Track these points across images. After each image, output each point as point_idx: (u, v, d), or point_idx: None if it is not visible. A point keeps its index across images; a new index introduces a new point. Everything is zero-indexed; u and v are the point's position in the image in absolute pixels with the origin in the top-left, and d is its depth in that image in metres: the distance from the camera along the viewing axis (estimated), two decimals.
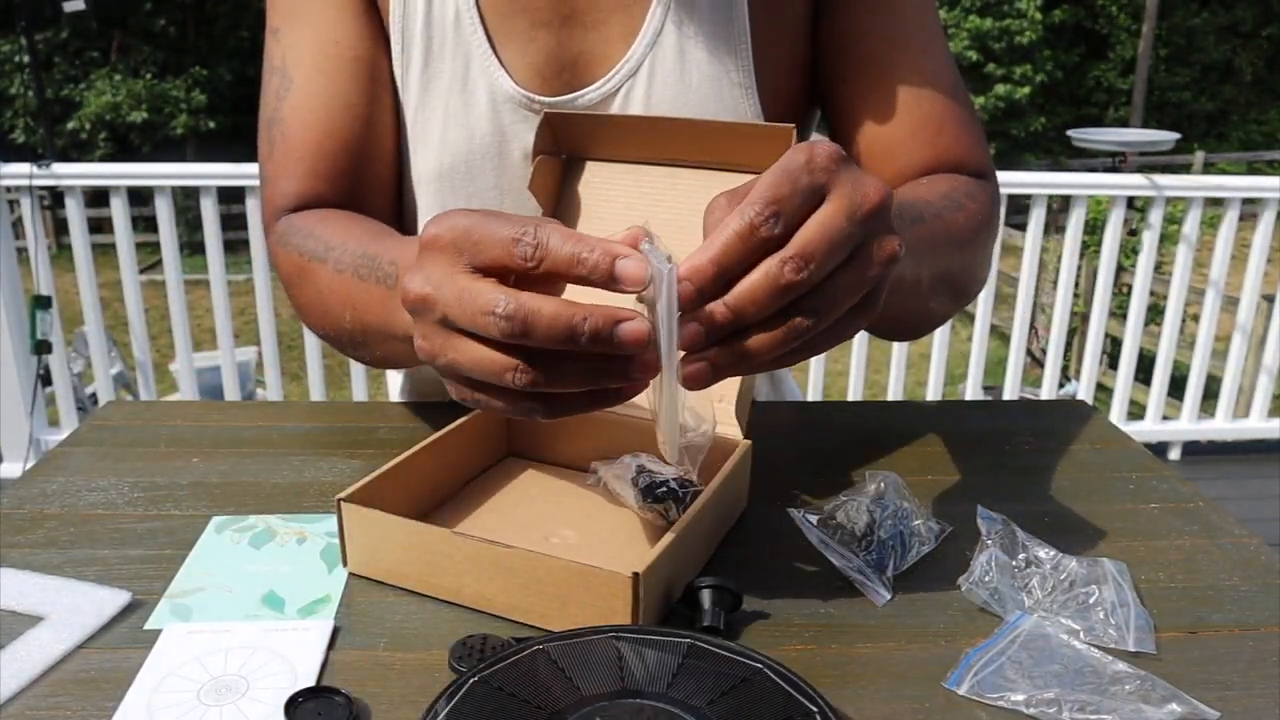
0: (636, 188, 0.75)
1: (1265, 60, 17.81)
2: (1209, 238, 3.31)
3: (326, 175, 0.78)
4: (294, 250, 0.74)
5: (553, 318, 0.44)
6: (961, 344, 5.23)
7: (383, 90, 0.80)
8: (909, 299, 0.67)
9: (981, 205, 0.76)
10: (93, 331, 2.83)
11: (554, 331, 0.44)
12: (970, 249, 0.74)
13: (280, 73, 0.79)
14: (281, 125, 0.78)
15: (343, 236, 0.71)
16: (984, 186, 0.79)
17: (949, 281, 0.73)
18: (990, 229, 0.78)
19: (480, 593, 0.56)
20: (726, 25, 0.77)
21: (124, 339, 4.98)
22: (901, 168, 0.79)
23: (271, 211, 0.79)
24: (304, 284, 0.74)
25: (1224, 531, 0.68)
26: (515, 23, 0.77)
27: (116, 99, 14.36)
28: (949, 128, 0.79)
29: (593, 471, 0.67)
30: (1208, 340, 3.10)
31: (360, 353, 0.73)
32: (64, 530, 0.66)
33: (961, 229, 0.72)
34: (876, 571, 0.60)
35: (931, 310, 0.75)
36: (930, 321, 0.78)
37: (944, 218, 0.70)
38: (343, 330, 0.71)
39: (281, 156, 0.78)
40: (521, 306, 0.45)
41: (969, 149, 0.80)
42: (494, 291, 0.46)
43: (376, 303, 0.65)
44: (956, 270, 0.73)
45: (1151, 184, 2.90)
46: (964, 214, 0.73)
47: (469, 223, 0.47)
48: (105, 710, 0.49)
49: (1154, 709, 0.48)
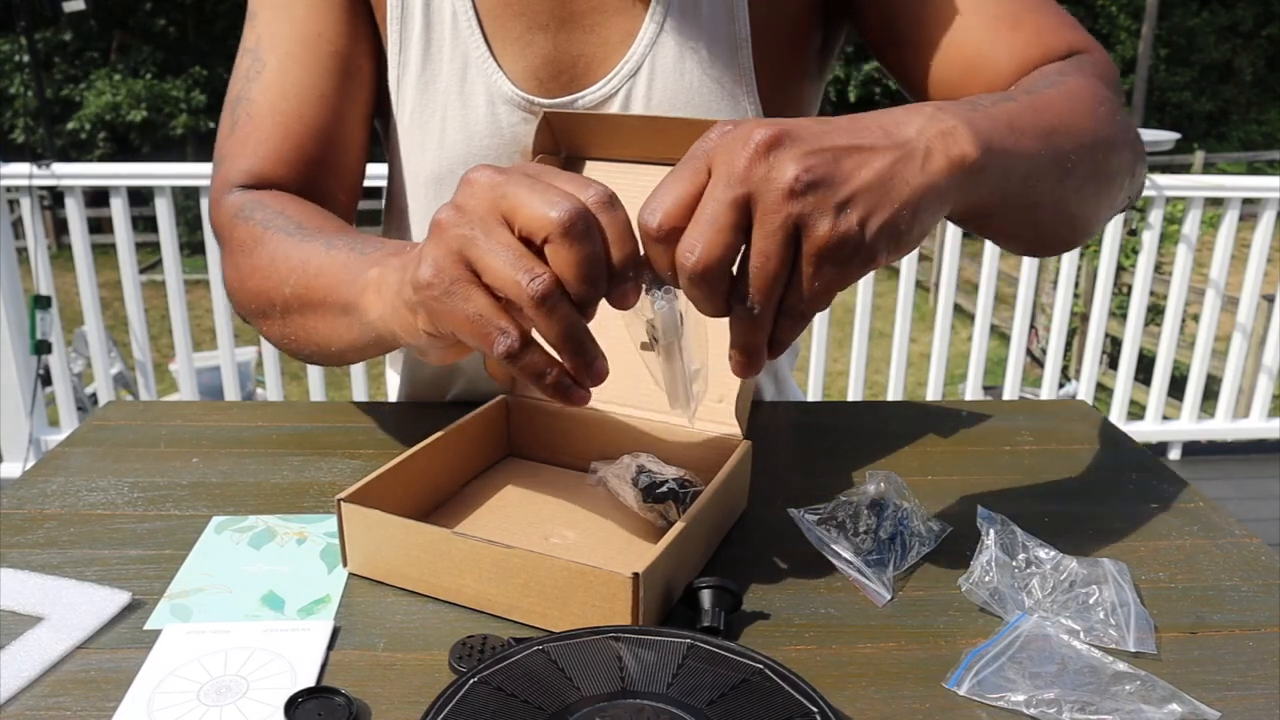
0: (635, 187, 0.75)
1: (1265, 60, 17.81)
2: (1209, 238, 3.31)
3: (289, 160, 0.77)
4: (256, 224, 0.72)
5: (595, 252, 0.47)
6: (961, 344, 5.24)
7: (358, 89, 0.80)
8: (1036, 188, 0.57)
9: (1085, 76, 0.66)
10: (92, 331, 2.83)
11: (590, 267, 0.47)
12: (1090, 110, 0.62)
13: (253, 54, 0.78)
14: (248, 105, 0.77)
15: (319, 223, 0.71)
16: (1083, 62, 0.69)
17: (1083, 157, 0.60)
18: (1109, 94, 0.66)
19: (480, 593, 0.56)
20: (727, 26, 0.77)
21: (124, 339, 4.97)
22: (990, 80, 0.72)
23: (221, 184, 0.77)
24: (256, 252, 0.71)
25: (1224, 531, 0.68)
26: (512, 25, 0.77)
27: (116, 99, 14.37)
28: (1027, 19, 0.72)
29: (593, 471, 0.67)
30: (1208, 340, 3.10)
31: (279, 326, 0.71)
32: (64, 530, 0.66)
33: (1067, 98, 0.61)
34: (876, 571, 0.60)
35: (1074, 191, 0.61)
36: (1086, 214, 0.65)
37: (1038, 93, 0.61)
38: (277, 299, 0.69)
39: (244, 135, 0.77)
40: (584, 218, 0.47)
41: (1054, 32, 0.72)
42: (536, 262, 0.47)
43: (338, 266, 0.64)
44: (1081, 130, 0.60)
45: (1151, 184, 2.90)
46: (1064, 86, 0.63)
47: (536, 167, 0.50)
48: (105, 711, 0.49)
49: (1154, 709, 0.48)
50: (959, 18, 0.73)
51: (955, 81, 0.74)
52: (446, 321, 0.50)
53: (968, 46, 0.73)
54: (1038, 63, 0.72)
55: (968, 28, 0.73)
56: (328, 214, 0.75)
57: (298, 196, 0.76)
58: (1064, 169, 0.60)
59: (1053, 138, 0.58)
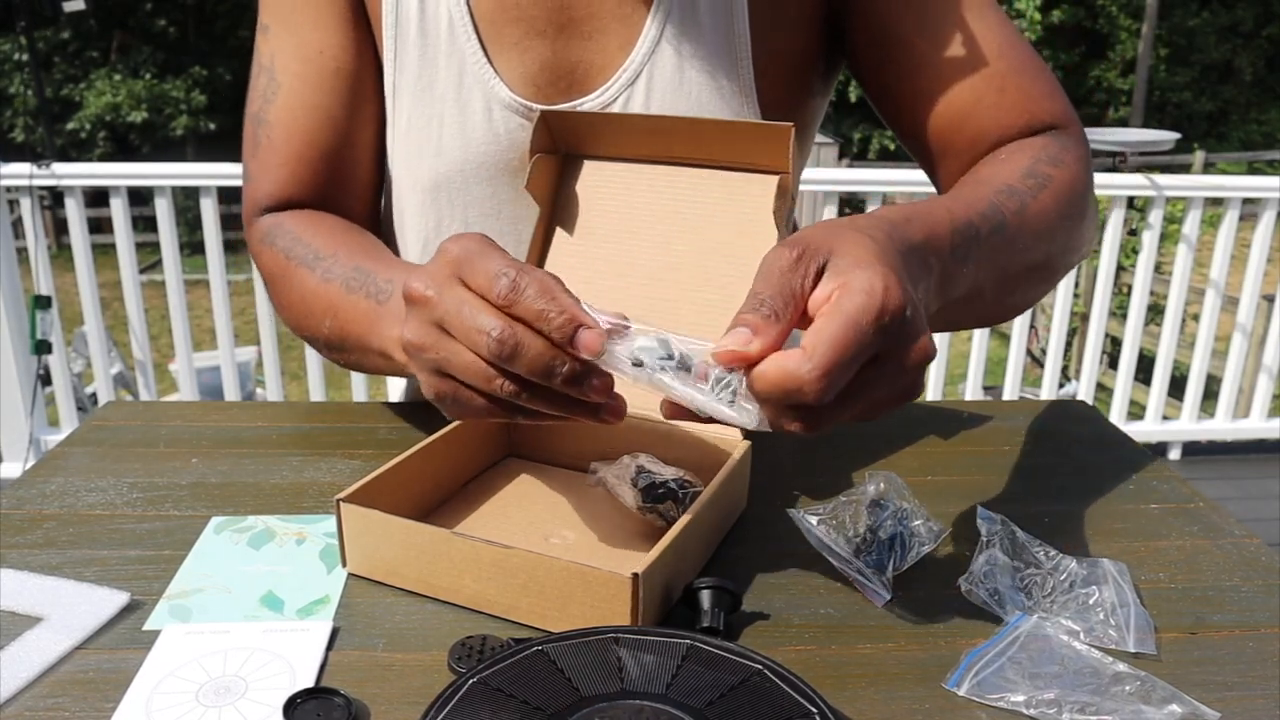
0: (634, 186, 0.75)
1: (1265, 60, 17.80)
2: (1209, 237, 3.31)
3: (305, 182, 0.80)
4: (280, 252, 0.76)
5: (536, 355, 0.49)
6: (961, 344, 5.23)
7: (364, 103, 0.81)
8: (970, 309, 0.66)
9: (1069, 170, 0.72)
10: (92, 331, 2.83)
11: (535, 367, 0.49)
12: (1062, 227, 0.71)
13: (269, 73, 0.80)
14: (267, 128, 0.80)
15: (334, 247, 0.74)
16: (1068, 143, 0.74)
17: (1035, 270, 0.70)
18: (1084, 193, 0.73)
19: (480, 593, 0.56)
20: (727, 33, 0.76)
21: (124, 339, 4.97)
22: (973, 137, 0.76)
23: (252, 207, 0.81)
24: (288, 286, 0.75)
25: (1224, 532, 0.68)
26: (510, 31, 0.76)
27: (116, 99, 14.36)
28: (1012, 83, 0.75)
29: (593, 472, 0.67)
30: (1208, 340, 3.10)
31: (335, 356, 0.75)
32: (63, 531, 0.66)
33: (1047, 213, 0.68)
34: (876, 572, 0.60)
35: (1011, 303, 0.73)
36: (1015, 310, 0.75)
37: (1027, 210, 0.67)
38: (320, 334, 0.73)
39: (266, 157, 0.80)
40: (513, 336, 0.49)
41: (1039, 100, 0.76)
42: (491, 316, 0.50)
43: (362, 315, 0.68)
44: (1043, 257, 0.70)
45: (1151, 184, 2.90)
46: (1050, 192, 0.69)
47: (476, 247, 0.52)
48: (104, 711, 0.49)
49: (1154, 709, 0.48)
50: (953, 77, 0.75)
51: (941, 131, 0.77)
52: (435, 401, 0.54)
53: (955, 103, 0.76)
54: (1020, 130, 0.75)
55: (958, 90, 0.75)
56: (345, 227, 0.78)
57: (317, 213, 0.80)
58: (1013, 288, 0.69)
59: (1021, 261, 0.67)
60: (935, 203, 0.62)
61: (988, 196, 0.65)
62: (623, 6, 0.76)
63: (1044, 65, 0.78)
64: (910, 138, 0.80)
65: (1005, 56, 0.75)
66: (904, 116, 0.79)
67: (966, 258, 0.60)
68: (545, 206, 0.76)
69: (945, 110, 0.76)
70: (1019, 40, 0.77)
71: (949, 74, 0.75)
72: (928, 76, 0.76)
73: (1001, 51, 0.75)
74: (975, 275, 0.62)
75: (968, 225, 0.61)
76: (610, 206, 0.75)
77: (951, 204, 0.62)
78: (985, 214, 0.63)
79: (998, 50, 0.75)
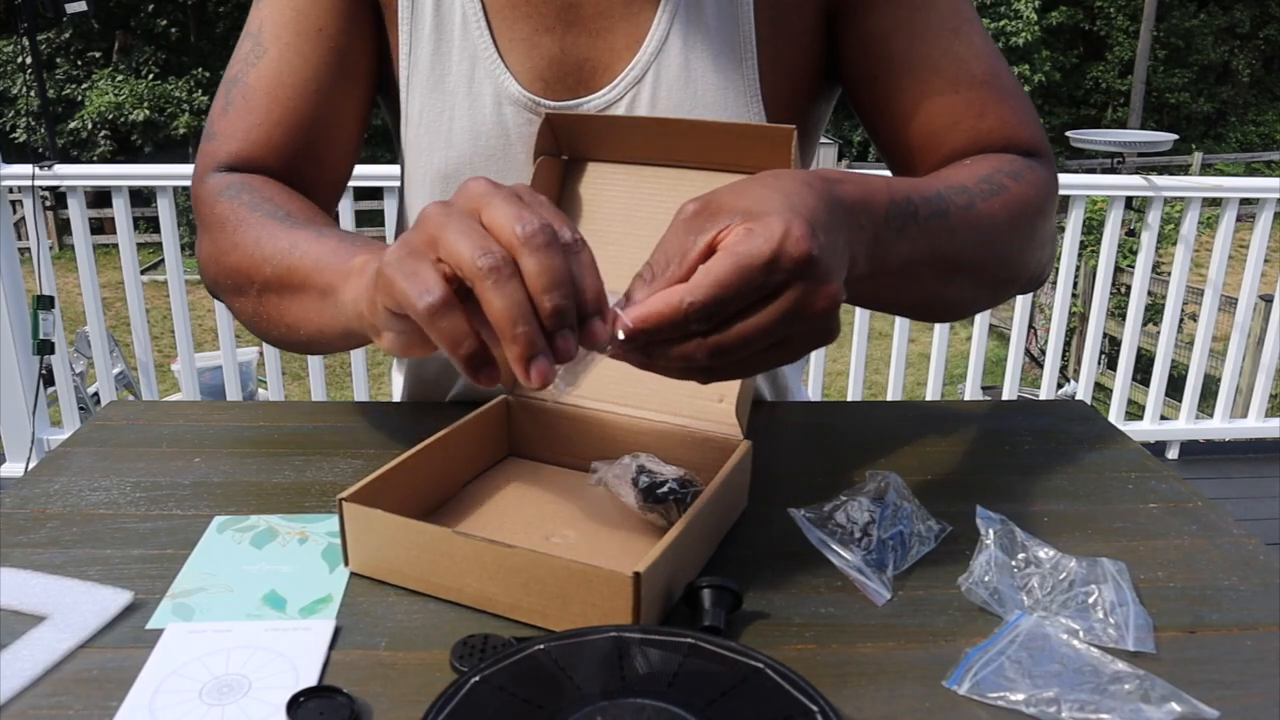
0: (637, 189, 0.75)
1: (1262, 61, 17.81)
2: (1207, 238, 3.32)
3: (278, 147, 0.78)
4: (242, 205, 0.73)
5: (558, 266, 0.48)
6: (961, 344, 5.24)
7: (353, 85, 0.81)
8: (907, 286, 0.66)
9: (1028, 186, 0.72)
10: (95, 331, 2.83)
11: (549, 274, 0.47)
12: (1008, 236, 0.71)
13: (255, 39, 0.79)
14: (244, 89, 0.79)
15: (309, 215, 0.72)
16: (1034, 166, 0.75)
17: (974, 271, 0.70)
18: (1039, 212, 0.74)
19: (481, 592, 0.56)
20: (733, 34, 0.77)
21: (126, 339, 4.98)
22: (946, 156, 0.77)
23: (209, 161, 0.79)
24: (238, 229, 0.72)
25: (1222, 531, 0.68)
26: (520, 26, 0.77)
27: (118, 99, 14.36)
28: (991, 110, 0.77)
29: (593, 471, 0.67)
30: (1206, 340, 3.10)
31: (245, 301, 0.72)
32: (66, 530, 0.66)
33: (995, 217, 0.69)
34: (876, 571, 0.60)
35: (950, 298, 0.72)
36: (954, 308, 0.75)
37: (974, 208, 0.67)
38: (254, 276, 0.70)
39: (237, 117, 0.79)
40: (501, 266, 0.47)
41: (1015, 128, 0.77)
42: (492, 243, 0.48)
43: (327, 251, 0.65)
44: (982, 259, 0.69)
45: (1150, 184, 2.90)
46: (1002, 199, 0.69)
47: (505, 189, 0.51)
48: (107, 710, 0.49)
49: (1153, 708, 0.49)
50: (934, 98, 0.77)
51: (917, 149, 0.79)
52: (389, 286, 0.50)
53: (932, 124, 0.77)
54: (996, 150, 0.76)
55: (937, 111, 0.77)
56: (315, 208, 0.76)
57: (283, 185, 0.77)
58: (951, 280, 0.68)
59: (956, 254, 0.66)
60: (879, 176, 0.62)
61: (937, 187, 0.66)
62: (630, 5, 0.76)
63: (1024, 95, 0.80)
64: (888, 154, 0.83)
65: (988, 84, 0.77)
66: (882, 132, 0.81)
67: (902, 230, 0.60)
68: None
69: (921, 130, 0.78)
70: (1003, 67, 0.79)
71: (931, 96, 0.77)
72: (911, 97, 0.77)
73: (985, 79, 0.77)
74: (910, 251, 0.61)
75: (906, 201, 0.61)
76: (613, 209, 0.75)
77: (895, 180, 0.62)
78: (929, 199, 0.64)
79: (982, 77, 0.77)
